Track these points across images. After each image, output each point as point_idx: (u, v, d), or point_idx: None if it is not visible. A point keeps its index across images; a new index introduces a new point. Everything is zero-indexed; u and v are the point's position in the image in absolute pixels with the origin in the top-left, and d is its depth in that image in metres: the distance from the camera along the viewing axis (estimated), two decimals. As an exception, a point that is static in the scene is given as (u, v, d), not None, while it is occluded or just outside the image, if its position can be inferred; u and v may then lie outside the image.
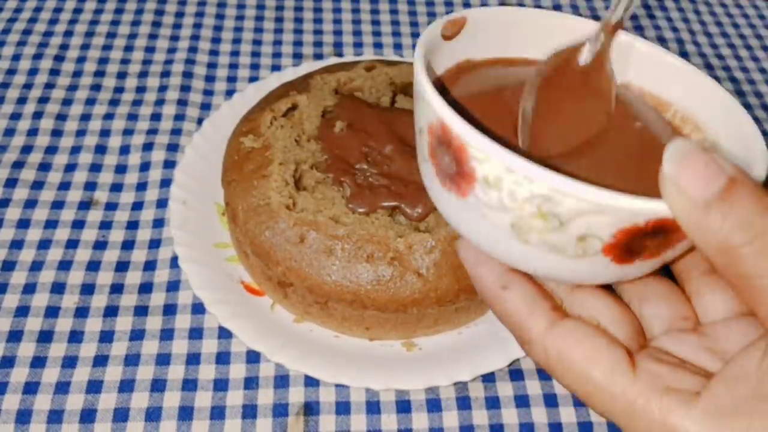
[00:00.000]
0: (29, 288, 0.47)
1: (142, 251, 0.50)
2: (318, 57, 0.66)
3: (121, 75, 0.62)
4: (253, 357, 0.45)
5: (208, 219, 0.50)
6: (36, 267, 0.48)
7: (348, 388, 0.44)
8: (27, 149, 0.56)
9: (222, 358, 0.45)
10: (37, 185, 0.53)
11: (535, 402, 0.44)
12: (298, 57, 0.66)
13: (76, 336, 0.45)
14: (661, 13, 0.75)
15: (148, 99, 0.60)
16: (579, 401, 0.44)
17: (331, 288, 0.43)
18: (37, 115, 0.58)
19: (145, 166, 0.55)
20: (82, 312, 0.47)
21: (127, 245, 0.50)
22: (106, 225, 0.51)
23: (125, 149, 0.56)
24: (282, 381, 0.44)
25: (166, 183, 0.54)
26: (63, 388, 0.43)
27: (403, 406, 0.44)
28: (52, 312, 0.46)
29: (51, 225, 0.51)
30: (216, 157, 0.52)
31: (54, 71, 0.62)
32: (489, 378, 0.45)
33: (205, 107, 0.60)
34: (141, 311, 0.47)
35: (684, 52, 0.71)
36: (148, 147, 0.56)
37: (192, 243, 0.48)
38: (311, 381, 0.44)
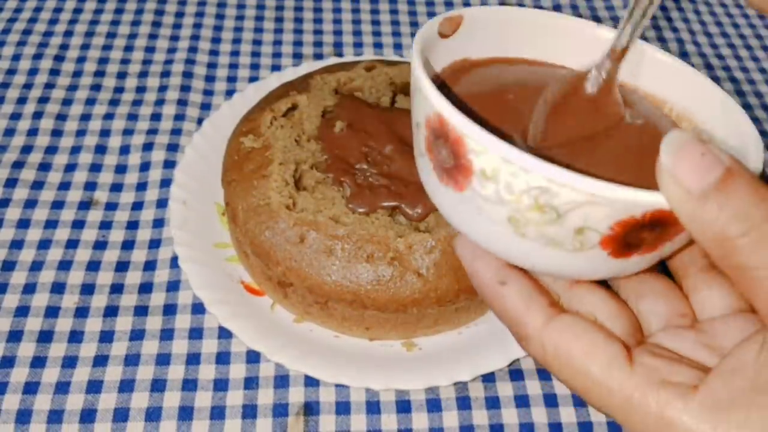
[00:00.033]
0: (29, 288, 0.47)
1: (142, 251, 0.50)
2: (318, 57, 0.66)
3: (121, 75, 0.62)
4: (253, 357, 0.45)
5: (208, 219, 0.50)
6: (36, 267, 0.48)
7: (348, 388, 0.44)
8: (27, 149, 0.56)
9: (222, 358, 0.45)
10: (37, 185, 0.53)
11: (535, 402, 0.44)
12: (298, 57, 0.66)
13: (76, 336, 0.45)
14: (661, 13, 0.75)
15: (148, 99, 0.60)
16: (579, 401, 0.44)
17: (331, 288, 0.43)
18: (37, 115, 0.58)
19: (145, 166, 0.55)
20: (82, 312, 0.47)
21: (127, 245, 0.50)
22: (106, 225, 0.51)
23: (125, 149, 0.56)
24: (282, 381, 0.44)
25: (166, 183, 0.54)
26: (63, 388, 0.43)
27: (403, 406, 0.44)
28: (52, 312, 0.46)
29: (51, 225, 0.51)
30: (216, 157, 0.52)
31: (54, 71, 0.62)
32: (489, 378, 0.45)
33: (205, 107, 0.60)
34: (141, 311, 0.47)
35: (684, 52, 0.71)
36: (148, 147, 0.56)
37: (192, 243, 0.48)
38: (311, 381, 0.44)
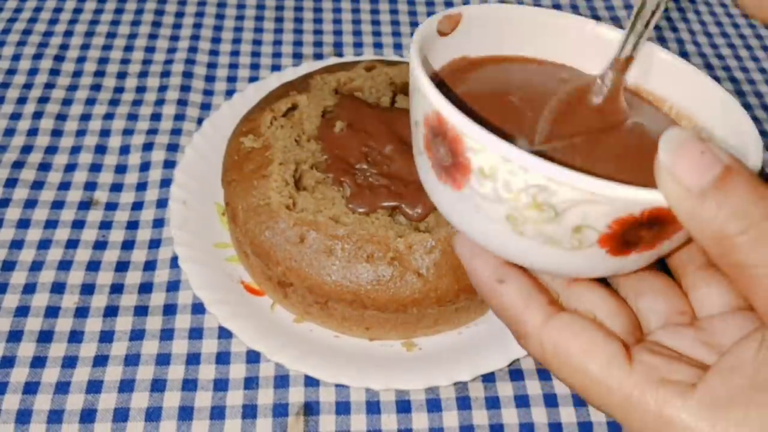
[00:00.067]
0: (29, 288, 0.47)
1: (142, 251, 0.50)
2: (318, 57, 0.66)
3: (121, 75, 0.62)
4: (253, 357, 0.45)
5: (208, 219, 0.50)
6: (36, 267, 0.48)
7: (348, 388, 0.44)
8: (27, 149, 0.56)
9: (222, 358, 0.45)
10: (37, 185, 0.53)
11: (535, 402, 0.44)
12: (298, 57, 0.66)
13: (76, 336, 0.45)
14: (662, 14, 0.75)
15: (148, 99, 0.60)
16: (579, 401, 0.44)
17: (331, 288, 0.43)
18: (37, 115, 0.58)
19: (145, 166, 0.55)
20: (82, 312, 0.47)
21: (127, 245, 0.50)
22: (106, 225, 0.51)
23: (125, 149, 0.56)
24: (282, 381, 0.44)
25: (166, 183, 0.54)
26: (63, 388, 0.43)
27: (403, 406, 0.44)
28: (52, 312, 0.46)
29: (51, 225, 0.51)
30: (216, 157, 0.52)
31: (54, 71, 0.62)
32: (489, 378, 0.45)
33: (205, 107, 0.60)
34: (141, 311, 0.47)
35: (684, 52, 0.71)
36: (148, 147, 0.56)
37: (192, 243, 0.48)
38: (311, 381, 0.44)
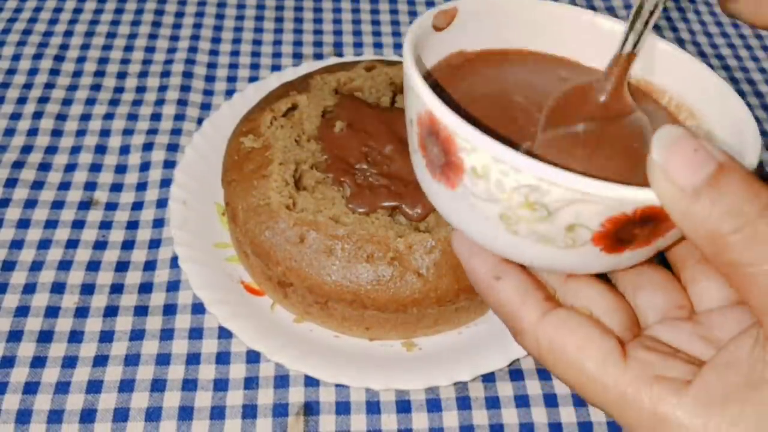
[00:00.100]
0: (29, 288, 0.47)
1: (142, 251, 0.50)
2: (318, 57, 0.66)
3: (121, 75, 0.62)
4: (253, 357, 0.45)
5: (208, 219, 0.50)
6: (36, 267, 0.48)
7: (348, 388, 0.44)
8: (27, 149, 0.56)
9: (222, 358, 0.45)
10: (37, 185, 0.53)
11: (535, 402, 0.44)
12: (298, 57, 0.66)
13: (76, 336, 0.45)
14: (662, 13, 0.75)
15: (148, 99, 0.60)
16: (579, 401, 0.44)
17: (331, 288, 0.43)
18: (37, 115, 0.58)
19: (145, 166, 0.55)
20: (82, 312, 0.47)
21: (127, 245, 0.50)
22: (106, 225, 0.51)
23: (125, 149, 0.56)
24: (282, 381, 0.44)
25: (166, 183, 0.54)
26: (63, 388, 0.43)
27: (403, 406, 0.44)
28: (52, 312, 0.46)
29: (51, 225, 0.51)
30: (216, 157, 0.52)
31: (54, 71, 0.62)
32: (489, 378, 0.45)
33: (205, 107, 0.60)
34: (141, 311, 0.47)
35: (684, 52, 0.71)
36: (148, 147, 0.56)
37: (192, 243, 0.48)
38: (311, 381, 0.44)
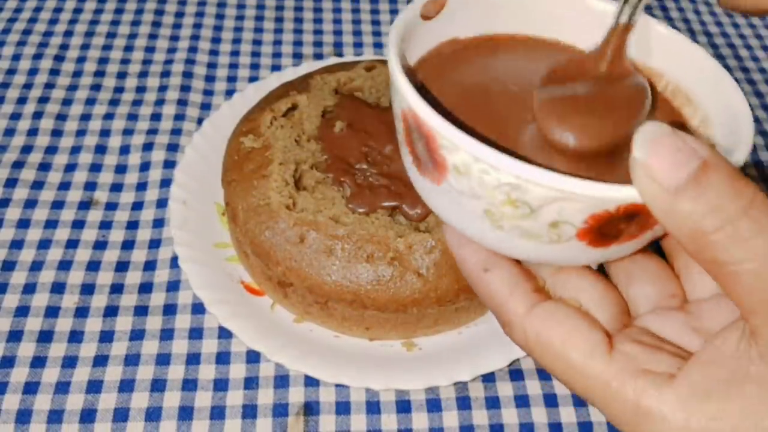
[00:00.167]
0: (29, 288, 0.47)
1: (142, 251, 0.50)
2: (318, 57, 0.66)
3: (121, 75, 0.62)
4: (253, 357, 0.45)
5: (208, 219, 0.50)
6: (36, 267, 0.48)
7: (348, 388, 0.44)
8: (27, 149, 0.56)
9: (222, 358, 0.45)
10: (37, 185, 0.53)
11: (535, 402, 0.44)
12: (298, 57, 0.66)
13: (76, 336, 0.45)
14: (661, 13, 0.75)
15: (148, 99, 0.60)
16: (579, 401, 0.44)
17: (331, 288, 0.43)
18: (37, 115, 0.58)
19: (145, 166, 0.55)
20: (82, 312, 0.47)
21: (127, 245, 0.50)
22: (106, 225, 0.51)
23: (125, 149, 0.56)
24: (282, 381, 0.44)
25: (166, 183, 0.54)
26: (63, 388, 0.43)
27: (403, 406, 0.44)
28: (52, 312, 0.46)
29: (51, 225, 0.51)
30: (216, 157, 0.52)
31: (54, 71, 0.62)
32: (489, 378, 0.45)
33: (205, 107, 0.60)
34: (141, 311, 0.47)
35: (684, 52, 0.71)
36: (148, 147, 0.56)
37: (192, 243, 0.48)
38: (311, 381, 0.44)
